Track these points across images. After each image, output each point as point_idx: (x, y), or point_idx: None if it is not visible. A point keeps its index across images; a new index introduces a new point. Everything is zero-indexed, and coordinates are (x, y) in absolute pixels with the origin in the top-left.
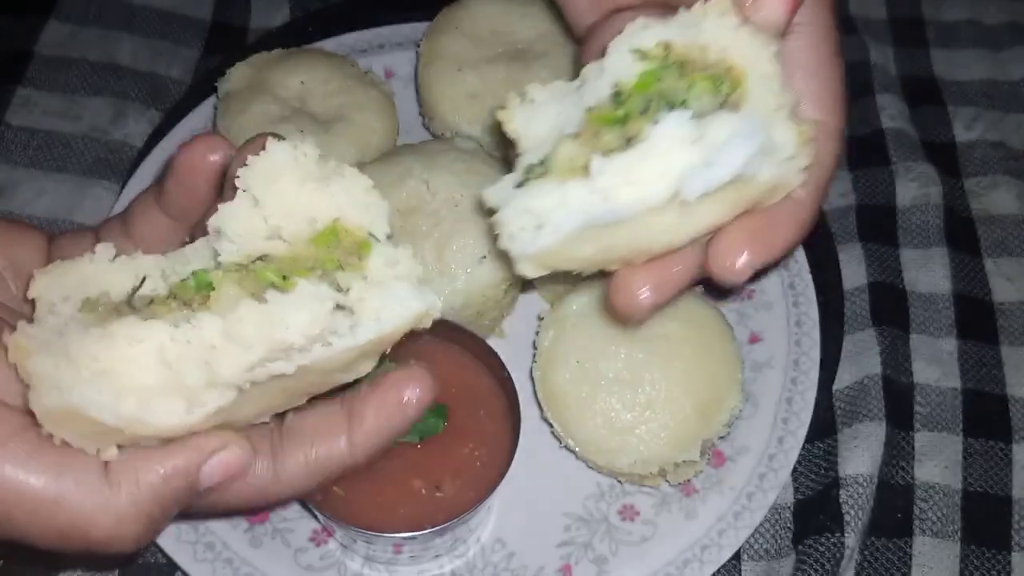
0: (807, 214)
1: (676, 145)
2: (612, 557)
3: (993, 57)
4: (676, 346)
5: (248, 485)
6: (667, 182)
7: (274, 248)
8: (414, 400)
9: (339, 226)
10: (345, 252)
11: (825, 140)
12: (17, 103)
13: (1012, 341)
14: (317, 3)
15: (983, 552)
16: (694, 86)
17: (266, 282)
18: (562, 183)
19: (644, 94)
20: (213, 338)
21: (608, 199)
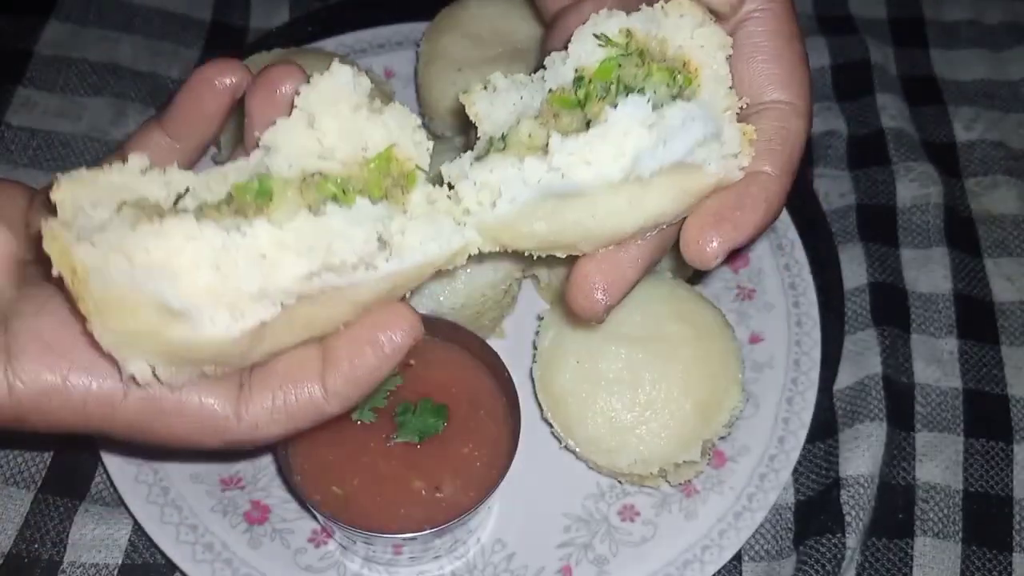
0: (775, 193)
1: (633, 127)
2: (612, 558)
3: (993, 57)
4: (676, 346)
5: (202, 421)
6: (623, 163)
7: (328, 168)
8: (396, 341)
9: (393, 153)
10: (392, 182)
11: (793, 119)
12: (17, 103)
13: (1012, 341)
14: (317, 3)
15: (984, 553)
16: (652, 75)
17: (327, 194)
18: (520, 158)
19: (604, 80)
20: (268, 246)
21: (565, 176)
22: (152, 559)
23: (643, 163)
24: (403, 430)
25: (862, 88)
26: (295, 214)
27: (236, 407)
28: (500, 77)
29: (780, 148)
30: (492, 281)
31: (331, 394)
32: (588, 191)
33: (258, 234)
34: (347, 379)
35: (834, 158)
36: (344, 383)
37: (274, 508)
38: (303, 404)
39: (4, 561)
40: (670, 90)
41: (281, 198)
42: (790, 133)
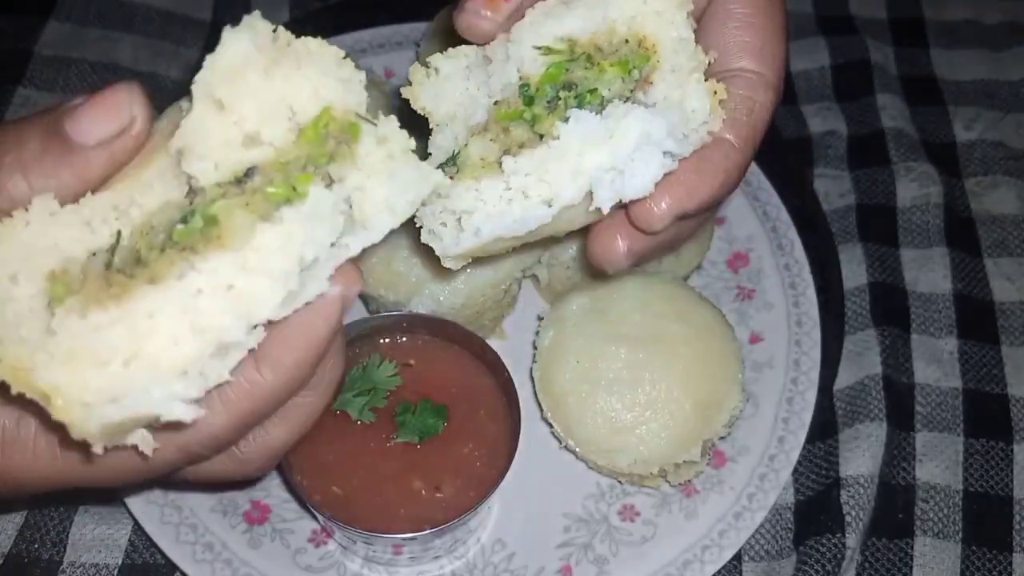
0: (735, 164)
1: (587, 146)
2: (612, 558)
3: (993, 57)
4: (676, 346)
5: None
6: (580, 183)
7: (259, 156)
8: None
9: (329, 114)
10: (335, 140)
11: (759, 90)
12: (17, 103)
13: (1012, 341)
14: (317, 3)
15: (984, 553)
16: (604, 73)
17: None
18: (476, 181)
19: (553, 84)
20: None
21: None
22: (152, 559)
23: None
24: (403, 430)
25: (862, 88)
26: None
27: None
28: (441, 60)
29: (745, 119)
30: (492, 281)
31: (260, 360)
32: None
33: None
34: (275, 340)
35: (834, 158)
36: (273, 344)
37: (274, 508)
38: (237, 384)
39: (4, 561)
40: (626, 84)
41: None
42: (756, 104)
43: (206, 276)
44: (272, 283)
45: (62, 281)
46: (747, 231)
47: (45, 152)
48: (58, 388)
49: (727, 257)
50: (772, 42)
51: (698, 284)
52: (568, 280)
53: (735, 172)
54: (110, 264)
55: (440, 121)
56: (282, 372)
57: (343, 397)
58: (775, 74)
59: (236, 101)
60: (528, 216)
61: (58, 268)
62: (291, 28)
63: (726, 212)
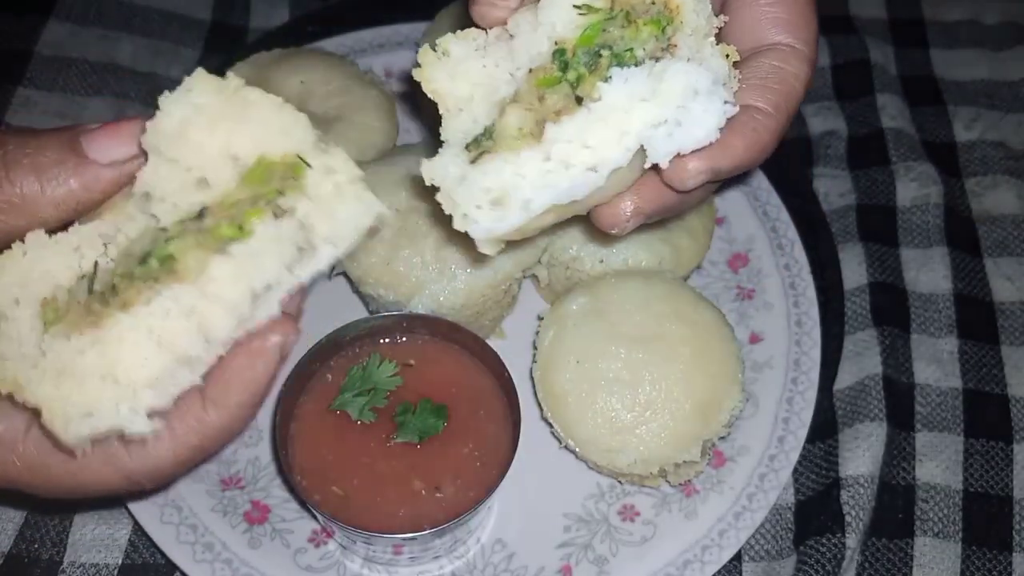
0: (766, 128)
1: (633, 103)
2: (612, 557)
3: (993, 57)
4: (676, 346)
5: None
6: (627, 143)
7: (210, 197)
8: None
9: (265, 160)
10: (281, 178)
11: (793, 61)
12: (17, 103)
13: (1012, 341)
14: (317, 3)
15: (984, 553)
16: (639, 33)
17: (225, 238)
18: (515, 155)
19: (588, 47)
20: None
21: (567, 165)
22: (152, 559)
23: (658, 149)
24: (403, 430)
25: (862, 88)
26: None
27: (124, 440)
28: (453, 41)
29: (777, 87)
30: (492, 281)
31: (208, 400)
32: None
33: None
34: (221, 383)
35: (834, 158)
36: (218, 388)
37: (274, 508)
38: (183, 420)
39: (4, 561)
40: (659, 43)
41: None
42: (788, 74)
43: (169, 303)
44: (225, 310)
45: (52, 307)
46: (747, 231)
47: (61, 162)
48: (48, 401)
49: (727, 257)
50: (803, 15)
51: (698, 284)
52: (568, 280)
53: (767, 136)
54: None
55: (453, 106)
56: (226, 412)
57: (343, 397)
58: (807, 46)
59: (183, 155)
60: (576, 184)
61: (49, 295)
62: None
63: (726, 212)
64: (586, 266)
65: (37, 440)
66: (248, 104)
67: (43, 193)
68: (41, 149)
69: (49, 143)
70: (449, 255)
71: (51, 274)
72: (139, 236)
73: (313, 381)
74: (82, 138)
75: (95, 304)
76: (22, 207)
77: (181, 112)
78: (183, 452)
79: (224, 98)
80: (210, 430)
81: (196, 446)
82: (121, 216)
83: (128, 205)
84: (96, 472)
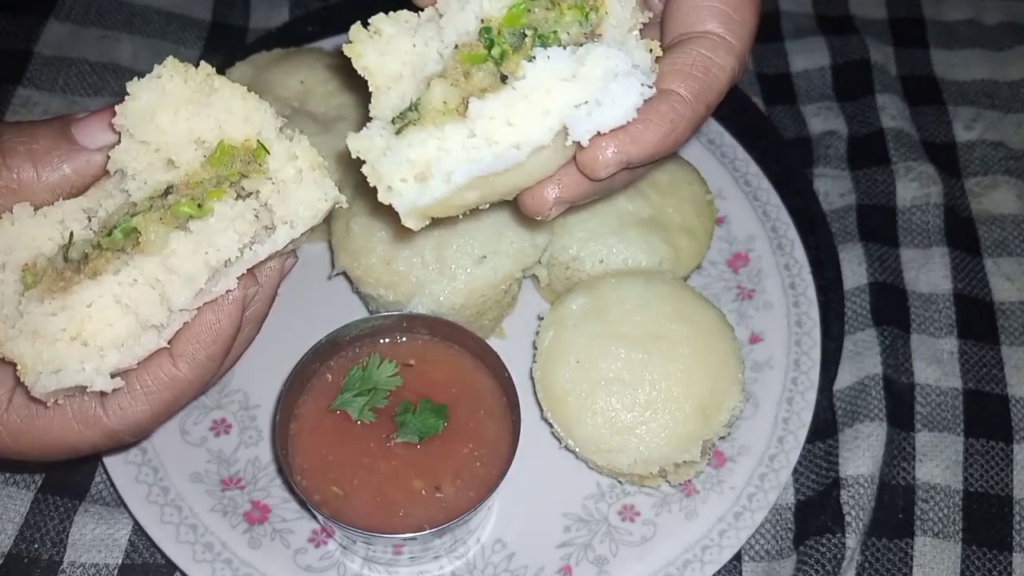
0: (683, 116)
1: (555, 83)
2: (612, 557)
3: (993, 57)
4: (676, 346)
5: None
6: (551, 121)
7: (176, 176)
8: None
9: (225, 145)
10: (243, 162)
11: (721, 52)
12: (17, 103)
13: (1012, 341)
14: (317, 3)
15: (984, 553)
16: (564, 16)
17: (184, 215)
18: (439, 128)
19: (514, 27)
20: (157, 274)
21: (490, 142)
22: (152, 559)
23: (578, 128)
24: (403, 430)
25: (862, 88)
26: (167, 240)
27: (100, 400)
28: (385, 20)
29: (700, 75)
30: (492, 281)
31: (177, 356)
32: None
33: (144, 267)
34: (188, 339)
35: (834, 158)
36: (185, 343)
37: (274, 508)
38: (156, 377)
39: (4, 561)
40: (583, 28)
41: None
42: (713, 64)
43: (135, 273)
44: (184, 281)
45: (32, 272)
46: (747, 231)
47: (54, 148)
48: (21, 357)
49: (727, 257)
50: (740, 11)
51: (698, 284)
52: (568, 280)
53: (682, 124)
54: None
55: (382, 83)
56: (196, 365)
57: (343, 397)
58: (739, 40)
59: (152, 136)
60: (498, 159)
61: (31, 261)
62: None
63: (726, 212)
64: (586, 266)
65: (19, 407)
66: (213, 91)
67: (39, 179)
68: (35, 137)
69: (42, 132)
70: (449, 255)
71: (35, 242)
72: (115, 211)
73: (313, 381)
74: (72, 126)
75: (68, 272)
76: (18, 192)
77: (148, 96)
78: (158, 407)
79: (191, 85)
80: (181, 384)
81: (170, 400)
82: (103, 192)
83: (108, 183)
84: (79, 434)
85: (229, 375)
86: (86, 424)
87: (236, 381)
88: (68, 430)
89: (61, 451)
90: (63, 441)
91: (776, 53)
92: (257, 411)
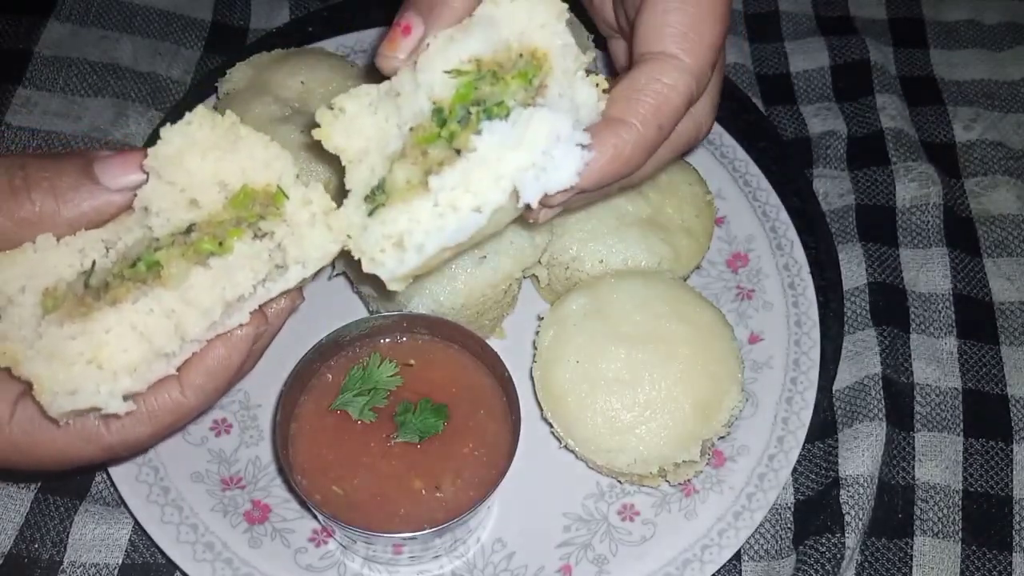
0: (628, 142)
1: (503, 152)
2: (612, 557)
3: (993, 57)
4: (676, 346)
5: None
6: (503, 185)
7: (198, 216)
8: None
9: (248, 188)
10: (262, 204)
11: (672, 72)
12: (17, 103)
13: (1012, 341)
14: (317, 3)
15: (984, 552)
16: (508, 86)
17: (206, 252)
18: (406, 204)
19: (463, 103)
20: (173, 306)
21: (453, 209)
22: (152, 559)
23: (527, 192)
24: (403, 430)
25: (862, 88)
26: (188, 274)
27: (104, 419)
28: (347, 99)
29: (649, 100)
30: (492, 281)
31: (186, 386)
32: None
33: (162, 299)
34: (198, 370)
35: (834, 158)
36: (196, 373)
37: (274, 508)
38: (162, 402)
39: (4, 561)
40: (529, 92)
41: (168, 265)
42: (662, 85)
43: (153, 303)
44: (199, 313)
45: (52, 296)
46: (747, 231)
47: (77, 187)
48: (38, 378)
49: (727, 257)
50: (697, 28)
51: (698, 284)
52: (568, 280)
53: (628, 151)
54: (87, 285)
55: (352, 158)
56: (202, 394)
57: (343, 397)
58: (695, 59)
59: (178, 177)
60: (463, 225)
61: (51, 286)
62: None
63: (726, 212)
64: (586, 266)
65: (22, 421)
66: (238, 139)
67: (59, 213)
68: (59, 173)
69: (66, 168)
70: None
71: (55, 268)
72: (135, 244)
73: (313, 381)
74: (95, 165)
75: (88, 298)
76: (39, 224)
77: (179, 141)
78: (159, 429)
79: (218, 132)
80: (184, 410)
81: (170, 423)
82: (122, 226)
83: (129, 217)
84: (79, 449)
85: None
86: (87, 440)
87: None
88: (69, 446)
89: (60, 464)
90: (63, 455)
91: (776, 53)
92: (258, 411)
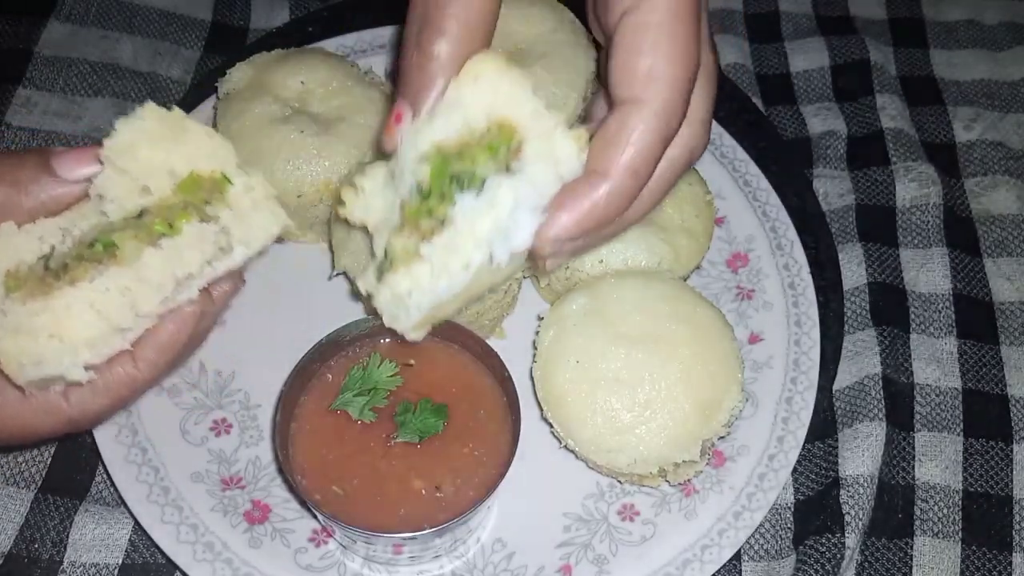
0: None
1: (475, 220)
2: (612, 557)
3: (993, 57)
4: (676, 346)
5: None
6: (481, 248)
7: (150, 201)
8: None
9: (195, 175)
10: (208, 191)
11: (633, 118)
12: (17, 103)
13: (1012, 341)
14: (317, 3)
15: (984, 553)
16: (477, 160)
17: (157, 234)
18: (408, 270)
19: (441, 181)
20: (128, 284)
21: (446, 270)
22: (152, 559)
23: (497, 253)
24: (403, 430)
25: (862, 88)
26: (140, 253)
27: (65, 393)
28: (363, 179)
29: (620, 148)
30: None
31: (139, 360)
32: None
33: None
34: (151, 345)
35: (834, 158)
36: (148, 349)
37: (274, 508)
38: (117, 375)
39: (4, 561)
40: (499, 160)
41: (123, 245)
42: (633, 132)
43: (109, 282)
44: (152, 289)
45: (14, 277)
46: (747, 231)
47: (37, 179)
48: (5, 352)
49: (727, 257)
50: (660, 64)
51: (698, 284)
52: (568, 280)
53: (604, 200)
54: (48, 267)
55: (373, 229)
56: (153, 368)
57: (343, 397)
58: (660, 98)
59: (131, 166)
60: (454, 283)
61: (13, 268)
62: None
63: (726, 212)
64: (586, 266)
65: None
66: (185, 131)
67: (20, 204)
68: (20, 166)
69: (26, 162)
70: None
71: (17, 252)
72: (91, 229)
73: (313, 381)
74: (53, 160)
75: (49, 278)
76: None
77: (131, 133)
78: (115, 401)
79: (166, 125)
80: (138, 383)
81: (126, 396)
82: (78, 214)
83: (85, 205)
84: (42, 421)
85: (230, 375)
86: (49, 413)
87: (237, 381)
88: (33, 418)
89: (25, 437)
90: (27, 428)
91: (776, 53)
92: (258, 411)
